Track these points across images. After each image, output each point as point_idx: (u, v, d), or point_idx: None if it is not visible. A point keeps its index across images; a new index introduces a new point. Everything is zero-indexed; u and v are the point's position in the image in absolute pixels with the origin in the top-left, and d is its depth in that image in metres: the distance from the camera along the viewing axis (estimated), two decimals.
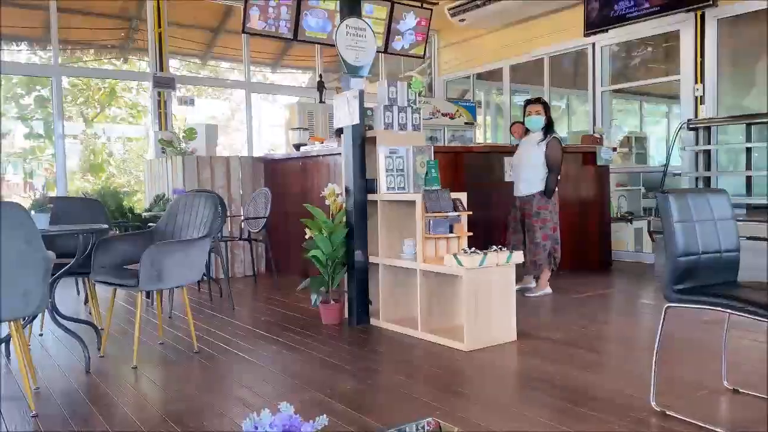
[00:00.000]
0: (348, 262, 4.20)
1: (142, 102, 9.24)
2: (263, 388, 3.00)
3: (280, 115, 9.41)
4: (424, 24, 7.96)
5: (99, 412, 2.69)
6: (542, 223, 4.92)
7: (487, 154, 5.90)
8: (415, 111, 4.30)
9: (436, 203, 3.79)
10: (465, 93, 10.20)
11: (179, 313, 4.64)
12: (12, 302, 2.57)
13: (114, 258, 3.60)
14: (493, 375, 3.16)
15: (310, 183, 6.04)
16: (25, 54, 7.94)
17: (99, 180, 8.88)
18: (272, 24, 6.75)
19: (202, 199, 3.82)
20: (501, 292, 3.66)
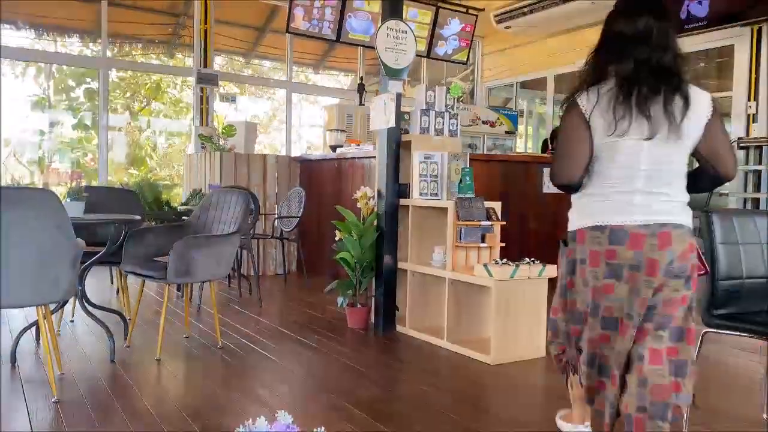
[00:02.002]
0: (376, 267, 4.15)
1: (185, 98, 9.40)
2: (283, 388, 2.98)
3: (320, 116, 9.45)
4: (469, 30, 7.88)
5: (119, 402, 2.70)
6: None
7: (525, 164, 5.78)
8: (453, 116, 4.23)
9: (468, 211, 3.71)
10: (507, 101, 10.07)
11: (207, 307, 4.67)
12: (41, 288, 2.60)
13: (145, 249, 3.63)
14: (519, 391, 3.06)
15: (344, 185, 6.02)
16: (77, 46, 8.17)
17: (141, 172, 9.06)
18: (316, 25, 6.77)
19: (235, 196, 3.82)
20: (531, 306, 3.56)
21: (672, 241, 1.91)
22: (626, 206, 1.94)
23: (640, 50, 1.94)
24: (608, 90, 1.95)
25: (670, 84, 1.92)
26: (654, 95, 1.90)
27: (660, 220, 1.92)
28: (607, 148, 1.96)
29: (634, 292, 1.93)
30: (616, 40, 2.01)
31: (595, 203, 2.01)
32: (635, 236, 1.91)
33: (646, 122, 1.89)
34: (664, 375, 1.92)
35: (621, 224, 1.93)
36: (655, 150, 1.92)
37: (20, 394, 2.76)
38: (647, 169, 1.93)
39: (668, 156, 1.94)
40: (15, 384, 2.92)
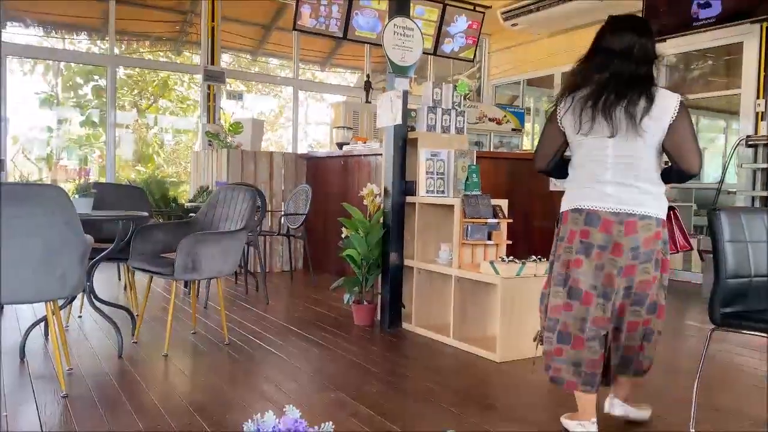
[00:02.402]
0: (383, 264, 4.16)
1: (192, 96, 9.43)
2: (289, 384, 2.99)
3: (326, 113, 9.45)
4: (476, 27, 7.87)
5: (126, 397, 2.72)
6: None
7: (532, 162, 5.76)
8: (460, 114, 4.23)
9: (475, 209, 3.71)
10: (514, 99, 10.05)
11: (214, 303, 4.69)
12: (49, 283, 2.62)
13: (153, 246, 3.65)
14: (525, 389, 3.06)
15: (351, 182, 6.02)
16: (84, 44, 8.21)
17: (148, 169, 9.09)
18: (323, 22, 6.78)
19: (242, 193, 3.83)
20: (538, 304, 3.54)
21: (637, 230, 2.28)
22: (601, 195, 2.32)
23: (621, 63, 2.29)
24: (582, 96, 2.32)
25: (636, 89, 2.24)
26: (619, 100, 2.24)
27: (628, 210, 2.28)
28: (578, 145, 2.41)
29: (598, 268, 2.32)
30: (603, 53, 2.35)
31: (576, 190, 2.42)
32: (606, 221, 2.30)
33: (608, 123, 2.26)
34: (635, 339, 2.38)
35: (596, 209, 2.32)
36: (619, 146, 2.29)
37: (29, 389, 2.79)
38: (614, 163, 2.30)
39: (633, 151, 2.28)
40: (24, 379, 2.94)
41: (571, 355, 2.34)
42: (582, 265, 2.33)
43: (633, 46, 2.31)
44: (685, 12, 6.69)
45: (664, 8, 6.91)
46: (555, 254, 2.47)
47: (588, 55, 2.41)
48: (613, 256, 2.30)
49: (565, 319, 2.36)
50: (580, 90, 2.35)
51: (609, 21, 2.43)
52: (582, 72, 2.38)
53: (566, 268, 2.38)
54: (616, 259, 2.29)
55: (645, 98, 2.23)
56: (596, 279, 2.32)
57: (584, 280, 2.33)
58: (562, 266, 2.40)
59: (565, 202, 2.47)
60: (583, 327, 2.33)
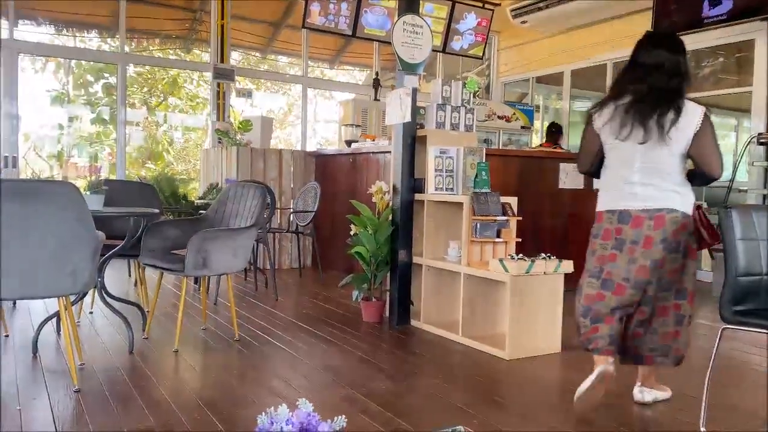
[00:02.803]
0: (391, 261, 4.17)
1: (202, 93, 9.46)
2: (299, 380, 3.00)
3: (335, 111, 9.46)
4: (485, 25, 7.85)
5: (138, 392, 2.74)
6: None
7: (542, 160, 5.76)
8: (469, 111, 4.22)
9: (484, 206, 3.70)
10: (523, 96, 10.01)
11: (224, 300, 4.71)
12: (61, 279, 2.64)
13: (163, 242, 3.67)
14: (534, 386, 3.06)
15: (359, 180, 6.03)
16: (95, 42, 8.25)
17: (158, 167, 9.14)
18: (332, 20, 6.79)
19: (251, 190, 3.85)
20: (547, 301, 3.55)
21: (665, 223, 2.53)
22: (631, 195, 2.59)
23: (655, 77, 2.55)
24: (621, 104, 2.58)
25: (668, 101, 2.50)
26: (653, 111, 2.50)
27: (656, 206, 2.54)
28: (612, 149, 2.66)
29: (631, 261, 2.57)
30: (638, 67, 2.63)
31: (609, 191, 2.69)
32: (637, 218, 2.56)
33: (641, 131, 2.52)
34: (669, 325, 2.63)
35: (627, 209, 2.59)
36: (647, 152, 2.55)
37: (42, 383, 2.81)
38: (640, 167, 2.57)
39: (659, 156, 2.54)
40: (36, 373, 2.97)
41: (605, 330, 2.61)
42: (616, 259, 2.61)
43: (665, 62, 2.56)
44: (695, 9, 6.64)
45: (674, 6, 6.87)
46: (592, 249, 2.72)
47: (626, 68, 2.69)
48: (644, 249, 2.54)
49: (598, 308, 2.63)
50: (618, 99, 2.61)
51: (645, 37, 2.71)
52: (620, 83, 2.66)
53: (601, 262, 2.66)
54: (647, 251, 2.54)
55: (674, 111, 2.49)
56: (628, 272, 2.57)
57: (617, 273, 2.60)
58: (597, 260, 2.68)
59: (599, 203, 2.74)
60: (613, 312, 2.61)
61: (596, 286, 2.65)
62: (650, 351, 2.67)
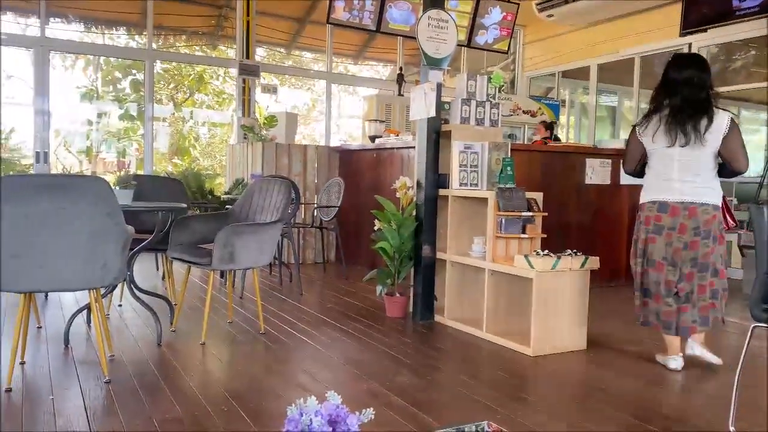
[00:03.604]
0: (415, 257, 4.17)
1: (228, 90, 9.55)
2: (323, 374, 3.02)
3: (359, 106, 9.48)
4: (510, 19, 7.78)
5: (166, 383, 2.79)
6: None
7: (568, 155, 5.70)
8: (494, 106, 4.20)
9: (509, 202, 3.68)
10: (549, 91, 9.92)
11: (250, 294, 4.76)
12: (92, 272, 2.70)
13: (190, 236, 3.72)
14: (559, 383, 3.04)
15: (383, 175, 6.04)
16: (123, 39, 8.38)
17: (185, 162, 9.26)
18: (356, 15, 6.78)
19: (277, 185, 3.88)
20: (573, 298, 3.52)
21: (697, 214, 3.11)
22: (669, 189, 3.16)
23: (685, 90, 3.09)
24: (663, 116, 3.14)
25: (701, 111, 3.05)
26: (690, 119, 3.06)
27: (690, 199, 3.12)
28: (654, 152, 3.23)
29: (668, 244, 3.17)
30: (670, 83, 3.16)
31: (651, 187, 3.26)
32: (674, 208, 3.15)
33: (680, 135, 3.07)
34: (706, 299, 3.16)
35: (666, 200, 3.16)
36: (684, 153, 3.10)
37: (73, 374, 2.88)
38: (679, 166, 3.12)
39: (696, 156, 3.10)
40: (68, 364, 3.04)
41: (653, 307, 3.21)
42: (656, 241, 3.20)
43: (694, 77, 3.09)
44: (726, 1, 6.50)
45: None
46: (637, 234, 3.30)
47: (660, 84, 3.22)
48: (679, 235, 3.13)
49: (646, 282, 3.24)
50: (658, 112, 3.16)
51: (674, 58, 3.28)
52: (657, 99, 3.20)
53: (644, 244, 3.25)
54: (681, 236, 3.13)
55: (707, 117, 3.04)
56: (666, 252, 3.17)
57: (657, 253, 3.19)
58: (642, 243, 3.26)
59: (643, 195, 3.31)
60: (658, 288, 3.19)
61: (641, 263, 3.26)
62: (693, 323, 3.15)
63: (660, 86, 3.20)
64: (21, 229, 2.54)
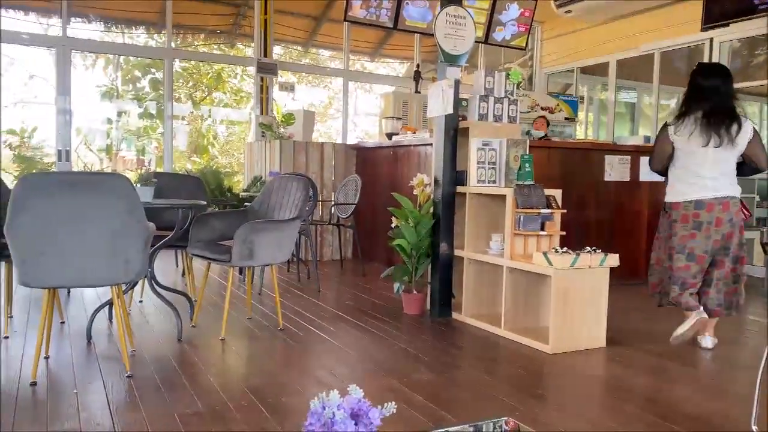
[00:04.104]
0: (433, 254, 4.17)
1: (245, 88, 9.61)
2: (341, 370, 3.04)
3: (375, 104, 9.48)
4: (528, 15, 7.74)
5: (186, 378, 2.82)
6: None
7: (587, 151, 5.66)
8: (512, 103, 4.18)
9: (528, 199, 3.67)
10: (567, 87, 9.84)
11: (268, 290, 4.80)
12: (114, 268, 2.73)
13: (210, 233, 3.76)
14: (578, 381, 3.03)
15: (400, 172, 6.04)
16: (142, 38, 8.46)
17: (203, 160, 9.33)
18: (373, 12, 6.79)
19: (295, 182, 3.90)
20: (592, 296, 3.50)
21: (729, 207, 3.45)
22: (703, 187, 3.45)
23: (713, 98, 3.42)
24: (697, 118, 3.43)
25: (730, 117, 3.40)
26: (722, 123, 3.38)
27: (722, 195, 3.44)
28: (684, 153, 3.50)
29: (707, 238, 3.46)
30: (698, 90, 3.49)
31: (685, 185, 3.51)
32: (710, 205, 3.45)
33: (717, 138, 3.38)
34: (729, 284, 3.52)
35: (701, 198, 3.46)
36: (716, 153, 3.42)
37: (96, 369, 2.93)
38: (710, 165, 3.43)
39: (725, 157, 3.44)
40: (91, 359, 3.09)
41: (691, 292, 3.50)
42: (696, 237, 3.47)
43: (720, 86, 3.44)
44: None
45: None
46: (672, 231, 3.56)
47: (688, 91, 3.54)
48: (717, 228, 3.45)
49: (685, 276, 3.50)
50: (690, 115, 3.46)
51: (699, 67, 3.61)
52: (687, 103, 3.51)
53: (683, 241, 3.50)
54: (718, 229, 3.45)
55: (737, 123, 3.40)
56: (707, 246, 3.47)
57: (698, 247, 3.47)
58: (681, 239, 3.51)
59: (673, 194, 3.57)
60: (696, 278, 3.50)
61: (683, 259, 3.50)
62: (717, 306, 3.49)
63: (689, 92, 3.52)
64: (45, 226, 2.58)
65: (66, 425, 2.28)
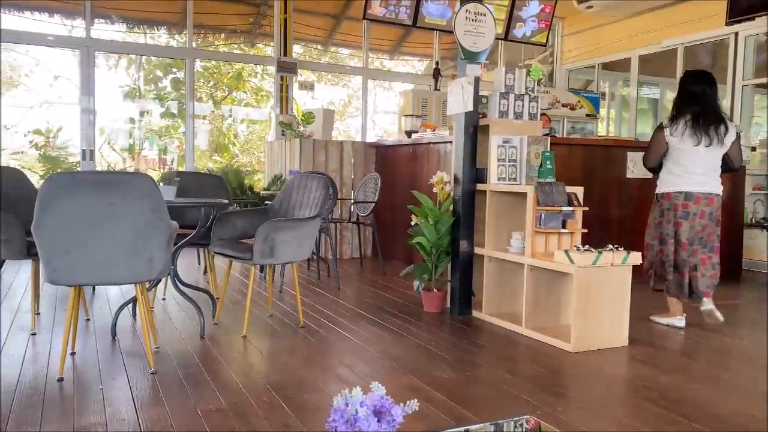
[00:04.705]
0: (452, 252, 4.16)
1: (266, 87, 9.67)
2: (362, 367, 3.05)
3: (394, 101, 9.48)
4: (549, 11, 7.66)
5: (209, 375, 2.85)
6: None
7: (609, 148, 5.60)
8: (533, 99, 4.15)
9: (549, 196, 3.64)
10: (588, 83, 9.75)
11: (288, 288, 4.83)
12: (138, 266, 2.77)
13: (232, 232, 3.79)
14: (600, 380, 3.00)
15: (419, 170, 6.03)
16: (164, 38, 8.56)
17: (224, 159, 9.41)
18: (393, 10, 6.77)
19: (315, 181, 3.92)
20: (614, 294, 3.47)
21: (713, 202, 3.89)
22: (695, 182, 3.86)
23: (701, 102, 3.82)
24: (685, 122, 3.83)
25: (718, 119, 3.82)
26: (712, 124, 3.79)
27: (709, 190, 3.87)
28: (679, 150, 3.88)
29: (692, 227, 3.89)
30: (688, 95, 3.88)
31: (677, 178, 3.91)
32: (698, 198, 3.87)
33: (708, 138, 3.79)
34: (709, 270, 3.94)
35: (692, 191, 3.87)
36: (708, 152, 3.83)
37: (121, 365, 2.97)
38: (703, 162, 3.84)
39: (714, 156, 3.86)
40: (116, 355, 3.14)
41: (678, 280, 3.94)
42: (683, 225, 3.90)
43: (706, 90, 3.83)
44: None
45: None
46: (664, 218, 3.97)
47: (679, 95, 3.95)
48: (700, 219, 3.88)
49: (677, 260, 3.94)
50: (682, 117, 3.84)
51: (687, 75, 3.99)
52: (679, 106, 3.91)
53: (674, 227, 3.92)
54: (701, 220, 3.88)
55: (724, 125, 3.83)
56: (691, 234, 3.90)
57: (684, 235, 3.90)
58: (672, 226, 3.93)
59: (666, 186, 3.96)
60: (684, 264, 3.91)
61: (672, 244, 3.94)
62: (706, 288, 3.91)
63: (680, 97, 3.90)
64: (71, 224, 2.63)
65: (92, 419, 2.32)
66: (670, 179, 3.92)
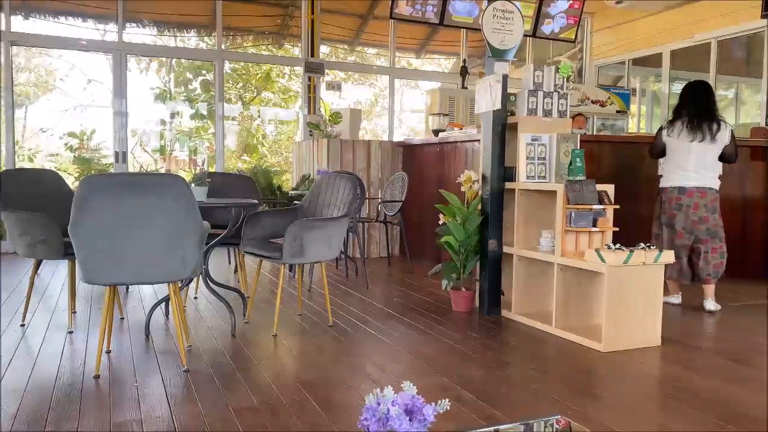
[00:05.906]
0: (481, 251, 4.14)
1: (294, 87, 9.74)
2: (392, 366, 3.06)
3: (421, 100, 9.47)
4: (577, 7, 7.56)
5: (240, 373, 2.89)
6: None
7: (639, 145, 5.51)
8: (562, 97, 4.11)
9: (579, 195, 3.60)
10: (618, 80, 9.61)
11: (317, 287, 4.86)
12: (171, 266, 2.82)
13: (262, 231, 3.84)
14: (632, 380, 2.96)
15: (447, 169, 6.02)
16: (193, 41, 8.68)
17: (253, 159, 9.51)
18: (419, 9, 6.76)
19: (343, 181, 3.94)
20: (646, 293, 3.42)
21: (706, 196, 4.28)
22: (687, 177, 4.28)
23: (696, 105, 4.27)
24: (682, 121, 4.30)
25: (710, 118, 4.25)
26: (704, 122, 4.22)
27: (701, 185, 4.27)
28: (675, 147, 4.33)
29: (686, 217, 4.30)
30: (685, 100, 4.34)
31: (673, 174, 4.35)
32: (690, 192, 4.28)
33: (701, 135, 4.21)
34: (716, 258, 4.30)
35: (684, 185, 4.29)
36: (699, 149, 4.25)
37: (154, 363, 3.03)
38: (694, 158, 4.26)
39: (706, 152, 4.25)
40: (149, 353, 3.20)
41: (676, 265, 4.28)
42: (677, 216, 4.32)
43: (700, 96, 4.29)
44: None
45: None
46: (662, 210, 4.41)
47: (678, 104, 4.40)
48: (694, 211, 4.28)
49: (674, 247, 4.22)
50: (679, 119, 4.32)
51: (688, 85, 4.39)
52: (676, 112, 4.39)
53: (670, 218, 4.35)
54: (695, 212, 4.29)
55: (716, 123, 4.24)
56: (685, 223, 4.31)
57: (678, 225, 4.32)
58: (669, 218, 4.36)
59: (664, 182, 4.42)
60: (679, 251, 4.31)
61: (669, 233, 4.36)
62: (708, 275, 4.27)
63: (679, 104, 4.36)
64: (107, 225, 2.69)
65: (128, 416, 2.38)
66: (668, 176, 4.39)
